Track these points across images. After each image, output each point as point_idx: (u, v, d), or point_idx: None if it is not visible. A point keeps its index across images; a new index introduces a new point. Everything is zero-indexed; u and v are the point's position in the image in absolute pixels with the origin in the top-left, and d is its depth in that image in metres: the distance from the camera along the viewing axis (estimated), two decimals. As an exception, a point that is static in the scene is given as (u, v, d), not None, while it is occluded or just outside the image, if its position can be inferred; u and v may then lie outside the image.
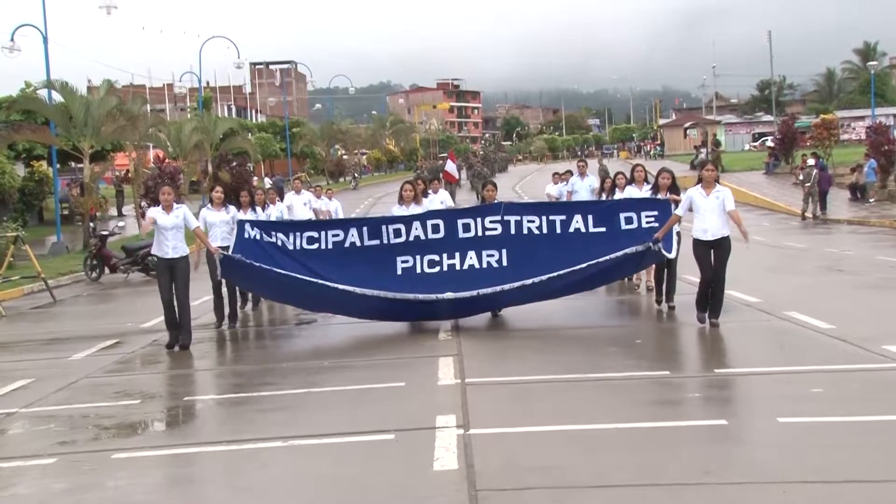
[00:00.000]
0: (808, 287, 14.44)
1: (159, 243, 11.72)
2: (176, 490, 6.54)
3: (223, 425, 8.26)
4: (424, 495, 5.83)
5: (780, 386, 8.53)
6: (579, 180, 17.66)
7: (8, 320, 16.66)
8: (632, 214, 11.94)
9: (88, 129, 32.84)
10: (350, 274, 11.76)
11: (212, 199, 13.64)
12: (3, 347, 13.89)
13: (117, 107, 34.99)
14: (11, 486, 6.69)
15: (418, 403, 8.32)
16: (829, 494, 5.67)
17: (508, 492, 5.84)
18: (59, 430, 8.32)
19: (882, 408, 7.41)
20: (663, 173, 12.92)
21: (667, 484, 5.89)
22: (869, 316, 11.97)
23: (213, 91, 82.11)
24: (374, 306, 11.88)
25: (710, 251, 10.96)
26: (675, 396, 8.30)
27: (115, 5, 34.82)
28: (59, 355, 12.12)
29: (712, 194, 10.98)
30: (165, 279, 11.72)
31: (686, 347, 10.97)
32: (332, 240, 12.21)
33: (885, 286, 15.20)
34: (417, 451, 6.72)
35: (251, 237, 12.06)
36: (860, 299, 13.76)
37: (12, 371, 11.22)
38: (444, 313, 12.00)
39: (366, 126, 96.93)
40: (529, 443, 6.95)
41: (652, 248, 11.43)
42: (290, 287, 11.89)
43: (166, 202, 11.78)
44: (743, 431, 7.25)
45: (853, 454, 6.38)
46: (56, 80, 32.91)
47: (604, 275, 12.29)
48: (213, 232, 12.99)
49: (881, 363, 9.06)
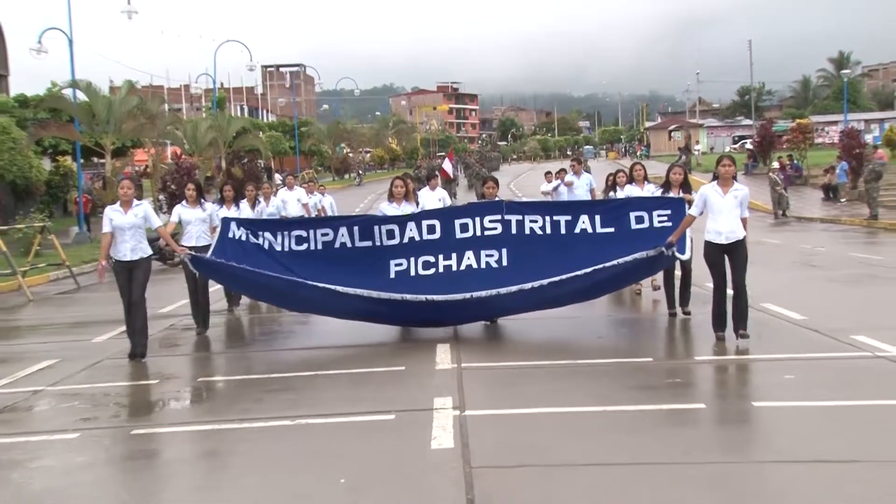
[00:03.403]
0: (783, 281, 14.45)
1: (116, 244, 10.07)
2: (190, 463, 6.57)
3: (234, 404, 8.27)
4: (423, 472, 5.85)
5: (755, 373, 8.57)
6: (576, 179, 16.70)
7: (35, 305, 16.72)
8: (643, 214, 10.52)
9: (110, 127, 32.98)
10: (339, 278, 10.22)
11: (186, 197, 12.37)
12: (31, 330, 13.95)
13: (137, 106, 35.11)
14: (38, 458, 6.72)
15: (417, 386, 8.32)
16: (800, 473, 5.69)
17: (501, 469, 5.87)
18: (82, 407, 8.34)
19: (850, 394, 7.44)
20: (675, 168, 11.74)
21: (649, 463, 5.92)
22: (839, 308, 12.00)
23: (226, 92, 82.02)
24: (356, 307, 10.34)
25: (724, 256, 9.43)
26: (657, 382, 8.32)
27: (135, 10, 34.86)
28: (82, 338, 12.14)
29: (730, 192, 9.36)
30: (124, 282, 10.11)
31: (668, 336, 10.98)
32: (322, 239, 10.83)
33: (854, 281, 15.23)
34: (416, 431, 6.74)
35: (236, 237, 10.85)
36: (831, 293, 13.80)
37: (39, 352, 11.25)
38: (431, 317, 10.50)
39: (370, 126, 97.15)
40: (521, 424, 6.97)
41: (665, 253, 9.84)
42: (265, 285, 10.51)
43: (125, 197, 10.12)
44: (720, 414, 7.30)
45: (823, 436, 6.41)
46: (80, 81, 33.03)
47: (612, 281, 10.56)
48: (188, 230, 11.94)
49: (850, 352, 9.09)
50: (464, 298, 10.07)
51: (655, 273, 11.53)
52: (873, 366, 8.53)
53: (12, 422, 7.89)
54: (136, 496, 5.96)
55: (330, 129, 78.87)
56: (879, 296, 13.47)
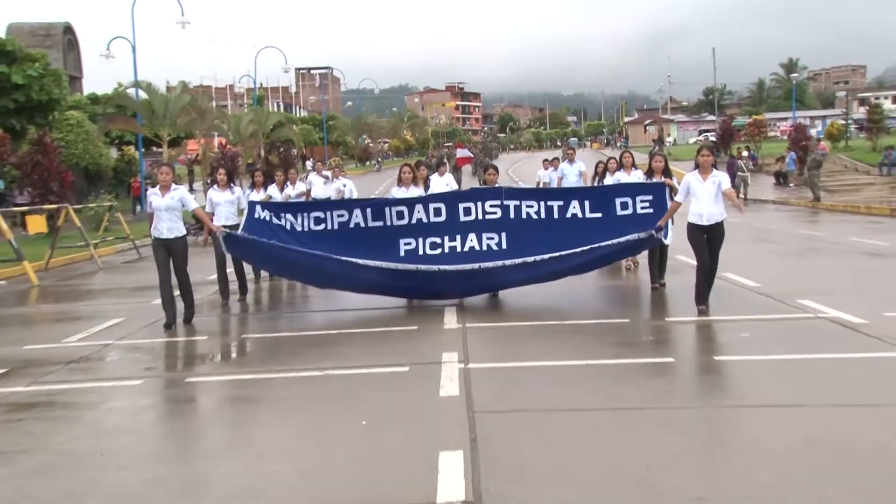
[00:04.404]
0: (740, 254, 14.37)
1: (155, 224, 9.79)
2: (234, 405, 6.58)
3: (272, 358, 8.29)
4: (432, 415, 5.85)
5: (717, 331, 8.54)
6: (568, 165, 16.37)
7: (104, 272, 16.80)
8: (627, 200, 10.18)
9: (167, 121, 33.05)
10: (354, 255, 9.86)
11: (217, 181, 12.03)
12: (101, 293, 14.01)
13: (189, 103, 35.22)
14: (109, 400, 6.76)
15: (427, 343, 8.31)
16: (752, 414, 5.69)
17: (499, 413, 5.87)
18: (144, 358, 8.38)
19: (797, 348, 7.42)
20: (657, 157, 11.44)
21: (624, 408, 5.91)
22: (788, 277, 11.97)
23: (265, 91, 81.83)
24: (376, 280, 9.98)
25: (705, 236, 9.23)
26: (632, 339, 8.30)
27: (188, 21, 34.79)
28: (143, 300, 12.16)
29: (709, 179, 9.18)
30: (162, 258, 9.81)
31: (643, 301, 10.92)
32: (338, 220, 10.37)
33: (800, 254, 15.25)
34: (427, 381, 6.74)
35: (261, 218, 10.39)
36: (781, 263, 13.77)
37: (108, 311, 11.31)
38: (445, 287, 10.16)
39: (388, 120, 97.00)
40: (517, 375, 6.96)
41: (655, 236, 9.84)
42: (293, 261, 10.05)
43: (163, 182, 9.72)
44: (686, 367, 7.28)
45: (774, 384, 6.40)
46: (142, 81, 33.14)
47: (604, 258, 10.42)
48: (218, 211, 11.61)
49: (796, 314, 9.08)
50: (472, 269, 9.84)
51: (641, 252, 11.14)
52: (815, 325, 8.51)
53: (87, 370, 7.93)
54: (188, 431, 6.02)
55: (353, 122, 78.84)
56: (820, 266, 13.48)
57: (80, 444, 5.61)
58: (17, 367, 8.06)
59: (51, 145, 24.19)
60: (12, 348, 9.07)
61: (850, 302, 9.43)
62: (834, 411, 5.65)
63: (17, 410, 6.54)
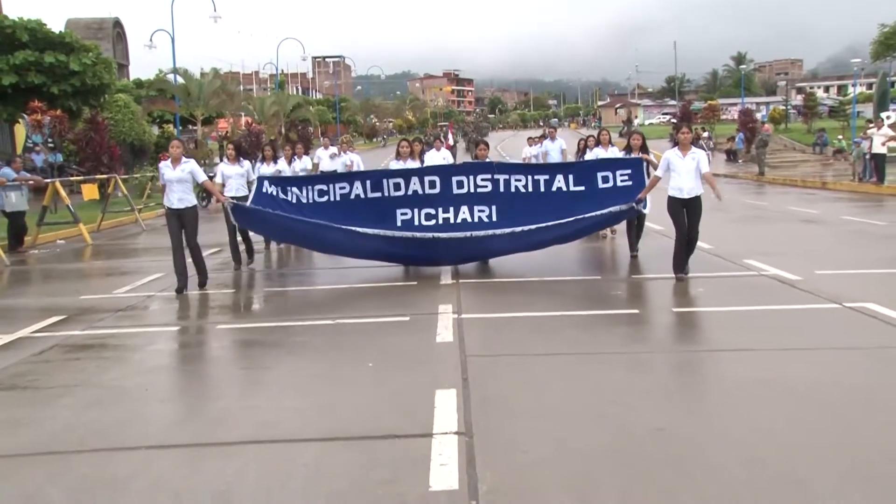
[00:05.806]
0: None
1: (167, 195, 9.09)
2: (258, 349, 6.55)
3: (290, 309, 8.26)
4: (430, 359, 5.83)
5: (676, 287, 8.51)
6: (550, 143, 15.68)
7: (147, 234, 16.72)
8: (608, 174, 9.63)
9: (200, 102, 32.80)
10: (355, 224, 9.41)
11: (226, 155, 11.29)
12: (144, 251, 13.95)
13: (220, 87, 34.95)
14: (152, 344, 6.72)
15: (426, 296, 8.27)
16: (704, 357, 5.69)
17: (488, 357, 5.84)
18: (181, 308, 8.35)
19: (743, 301, 7.41)
20: (635, 135, 10.72)
21: (595, 353, 5.89)
22: (736, 240, 11.91)
23: (286, 76, 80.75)
24: (377, 247, 9.50)
25: (684, 209, 8.78)
26: (603, 294, 8.28)
27: (220, 16, 34.39)
28: (181, 258, 12.05)
29: (688, 155, 8.68)
30: (174, 227, 9.08)
31: (613, 262, 10.90)
32: (340, 192, 9.77)
33: (746, 220, 15.19)
34: (425, 329, 6.71)
35: (268, 192, 9.78)
36: (730, 229, 13.70)
37: (150, 267, 11.25)
38: (437, 254, 9.61)
39: (392, 102, 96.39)
40: (503, 324, 6.94)
41: (635, 207, 9.36)
42: (297, 230, 9.54)
43: (175, 156, 9.03)
44: (648, 317, 7.26)
45: (724, 333, 6.39)
46: (179, 68, 32.87)
47: (588, 228, 9.88)
48: (228, 183, 10.95)
49: (743, 272, 9.07)
50: (464, 236, 9.36)
51: (621, 222, 10.36)
52: (758, 282, 8.49)
53: (133, 317, 7.89)
54: (218, 371, 6.00)
55: (362, 104, 78.26)
56: (764, 232, 13.43)
57: (127, 381, 5.59)
58: (74, 314, 8.02)
59: (102, 124, 24.21)
60: (70, 298, 9.04)
61: (788, 262, 9.42)
62: (776, 354, 5.63)
63: (74, 351, 6.53)
